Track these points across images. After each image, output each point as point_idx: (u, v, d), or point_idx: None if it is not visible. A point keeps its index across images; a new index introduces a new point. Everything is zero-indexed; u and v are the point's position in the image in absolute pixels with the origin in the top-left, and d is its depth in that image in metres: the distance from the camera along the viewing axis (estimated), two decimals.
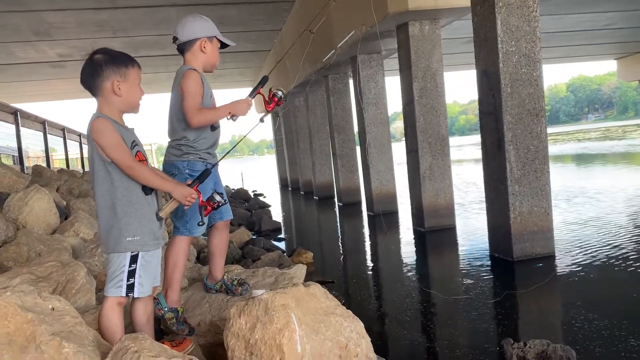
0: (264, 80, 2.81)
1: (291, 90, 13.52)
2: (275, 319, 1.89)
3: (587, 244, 5.48)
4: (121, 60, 2.14)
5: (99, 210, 2.13)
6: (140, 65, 2.24)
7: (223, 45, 2.84)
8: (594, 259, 4.92)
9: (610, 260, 4.82)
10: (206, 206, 2.37)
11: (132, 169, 2.06)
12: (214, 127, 2.73)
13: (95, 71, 2.10)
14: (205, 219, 2.64)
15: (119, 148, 2.04)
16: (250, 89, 2.81)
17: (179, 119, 2.64)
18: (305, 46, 11.34)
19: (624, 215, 6.96)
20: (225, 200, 2.50)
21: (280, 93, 2.72)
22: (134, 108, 2.19)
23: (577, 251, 5.23)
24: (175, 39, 2.73)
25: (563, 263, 4.89)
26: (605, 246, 5.34)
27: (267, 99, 2.73)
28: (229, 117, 2.65)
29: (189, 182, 2.36)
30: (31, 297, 1.83)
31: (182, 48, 2.74)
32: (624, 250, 5.13)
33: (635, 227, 6.19)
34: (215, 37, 2.76)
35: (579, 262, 4.86)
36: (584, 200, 8.52)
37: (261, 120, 2.72)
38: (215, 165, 2.78)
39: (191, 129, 2.63)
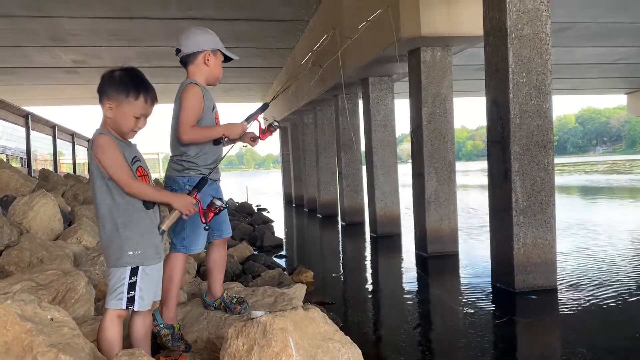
0: (263, 107, 2.80)
1: (300, 107, 13.60)
2: (272, 343, 1.88)
3: (590, 278, 5.43)
4: (125, 88, 2.13)
5: (100, 224, 2.13)
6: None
7: (227, 59, 2.83)
8: (597, 293, 4.88)
9: (612, 296, 4.78)
10: (207, 212, 2.36)
11: (131, 187, 2.07)
12: (217, 141, 2.70)
13: (103, 83, 2.14)
14: (205, 235, 2.65)
15: (119, 167, 2.06)
16: (258, 104, 2.81)
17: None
18: (316, 66, 11.44)
19: (628, 250, 6.90)
20: (226, 205, 2.48)
21: (276, 123, 2.76)
22: (122, 134, 2.18)
23: (580, 285, 5.19)
24: (178, 51, 2.71)
25: (565, 297, 4.84)
26: (608, 281, 5.29)
27: (262, 127, 2.75)
28: (223, 139, 2.65)
29: (187, 191, 2.35)
30: (31, 306, 1.84)
31: (186, 60, 2.72)
32: (627, 286, 5.08)
33: (638, 261, 6.14)
34: (219, 50, 2.75)
35: (582, 296, 4.82)
36: (588, 232, 8.47)
37: (244, 145, 2.80)
38: (216, 180, 2.78)
39: (183, 144, 2.61)
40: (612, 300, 4.67)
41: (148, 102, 2.17)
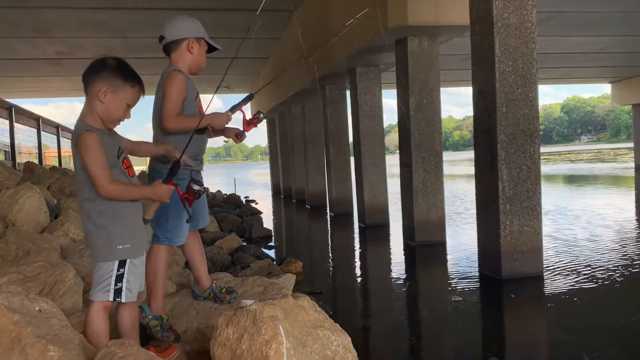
0: (248, 98, 2.75)
1: (288, 99, 13.56)
2: (263, 331, 1.89)
3: (575, 265, 5.51)
4: (123, 74, 2.11)
5: (86, 218, 2.10)
6: (138, 66, 2.23)
7: (211, 50, 2.80)
8: (582, 279, 4.95)
9: (598, 282, 4.85)
10: (188, 198, 2.34)
11: (107, 190, 2.03)
12: (201, 131, 2.66)
13: (96, 69, 2.10)
14: (187, 226, 2.64)
15: (100, 169, 2.02)
16: (244, 95, 2.76)
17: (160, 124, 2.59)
18: (302, 56, 11.39)
19: (612, 237, 7.00)
20: (204, 189, 2.44)
21: (261, 115, 2.72)
22: (111, 122, 2.15)
23: (566, 272, 5.26)
24: (161, 38, 2.67)
25: (551, 283, 4.91)
26: (593, 267, 5.37)
27: (247, 119, 2.70)
28: (205, 128, 2.60)
29: (163, 180, 2.26)
30: (19, 298, 1.82)
31: (169, 48, 2.68)
32: (611, 272, 5.16)
33: (622, 248, 6.24)
34: (203, 39, 2.71)
35: (567, 282, 4.89)
36: (574, 220, 8.57)
37: (225, 141, 2.78)
38: (200, 170, 2.76)
39: (167, 132, 2.56)
40: (597, 286, 4.74)
41: (140, 92, 2.16)
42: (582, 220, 8.58)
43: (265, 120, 3.41)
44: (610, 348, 3.37)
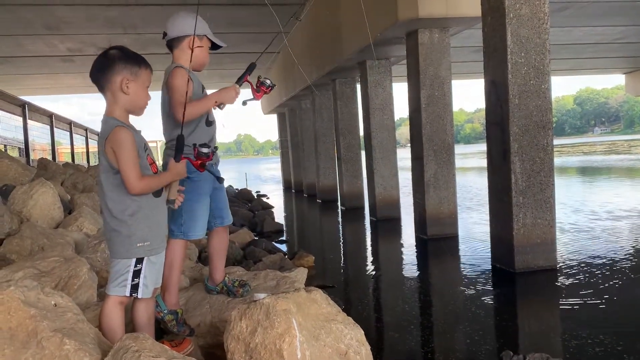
0: (251, 68, 2.70)
1: (297, 93, 13.55)
2: (276, 324, 1.89)
3: (589, 257, 5.46)
4: (135, 59, 2.13)
5: (107, 215, 2.11)
6: (150, 62, 2.23)
7: (215, 47, 2.78)
8: (597, 272, 4.91)
9: (612, 275, 4.81)
10: (202, 163, 2.33)
11: (135, 188, 2.04)
12: (209, 122, 2.67)
13: (108, 65, 2.09)
14: (204, 221, 2.64)
15: (131, 166, 2.02)
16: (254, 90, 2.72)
17: (170, 118, 2.60)
18: (314, 50, 11.38)
19: (628, 229, 6.93)
20: (215, 149, 2.43)
21: (268, 82, 2.65)
22: (139, 109, 2.17)
23: (580, 264, 5.21)
24: (164, 35, 2.67)
25: (565, 276, 4.87)
26: (607, 260, 5.32)
27: (255, 87, 2.65)
28: (216, 106, 2.59)
29: (173, 158, 2.26)
30: (34, 292, 1.84)
31: (171, 45, 2.68)
32: (626, 264, 5.11)
33: (637, 241, 6.17)
34: (205, 36, 2.70)
35: (582, 275, 4.85)
36: (588, 212, 8.49)
37: (244, 103, 2.67)
38: (215, 163, 2.73)
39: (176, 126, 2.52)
40: (612, 280, 4.70)
41: (149, 69, 2.18)
42: (596, 213, 8.49)
43: (273, 87, 3.37)
44: (633, 344, 3.34)
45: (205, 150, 2.31)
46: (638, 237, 6.49)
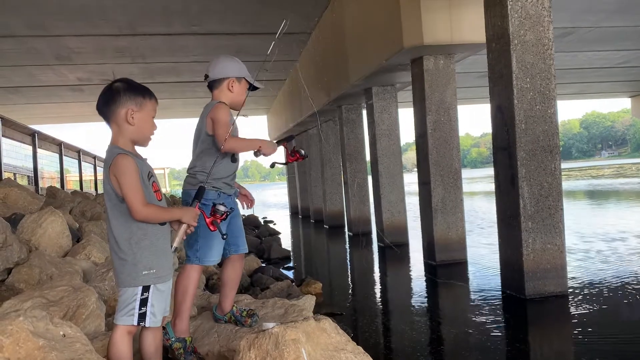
0: (290, 138, 2.95)
1: (305, 119, 13.64)
2: (285, 354, 1.87)
3: (600, 283, 5.39)
4: (139, 90, 2.17)
5: (113, 243, 2.11)
6: (157, 91, 2.28)
7: (252, 88, 2.95)
8: (608, 298, 4.84)
9: (624, 301, 4.73)
10: (215, 221, 2.37)
11: (141, 214, 2.05)
12: (235, 159, 2.82)
13: (112, 97, 2.13)
14: (220, 247, 2.66)
15: (135, 192, 2.04)
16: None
17: (201, 149, 2.74)
18: (320, 76, 11.50)
19: (638, 254, 6.84)
20: (231, 209, 2.52)
21: (303, 152, 2.88)
22: (144, 140, 2.21)
23: (591, 290, 5.14)
24: (206, 76, 2.87)
25: (577, 302, 4.80)
26: (619, 285, 5.24)
27: (290, 152, 2.87)
28: (256, 150, 2.73)
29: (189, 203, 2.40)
30: (43, 322, 1.84)
31: (212, 85, 2.87)
32: (638, 289, 5.03)
33: None
34: (244, 78, 2.89)
35: (593, 301, 4.78)
36: (597, 236, 8.41)
37: (272, 165, 2.88)
38: (231, 195, 2.84)
39: (209, 157, 2.69)
40: (624, 306, 4.63)
41: (154, 100, 2.23)
42: (606, 238, 8.41)
43: (305, 157, 3.67)
44: None
45: (222, 209, 2.37)
46: None
